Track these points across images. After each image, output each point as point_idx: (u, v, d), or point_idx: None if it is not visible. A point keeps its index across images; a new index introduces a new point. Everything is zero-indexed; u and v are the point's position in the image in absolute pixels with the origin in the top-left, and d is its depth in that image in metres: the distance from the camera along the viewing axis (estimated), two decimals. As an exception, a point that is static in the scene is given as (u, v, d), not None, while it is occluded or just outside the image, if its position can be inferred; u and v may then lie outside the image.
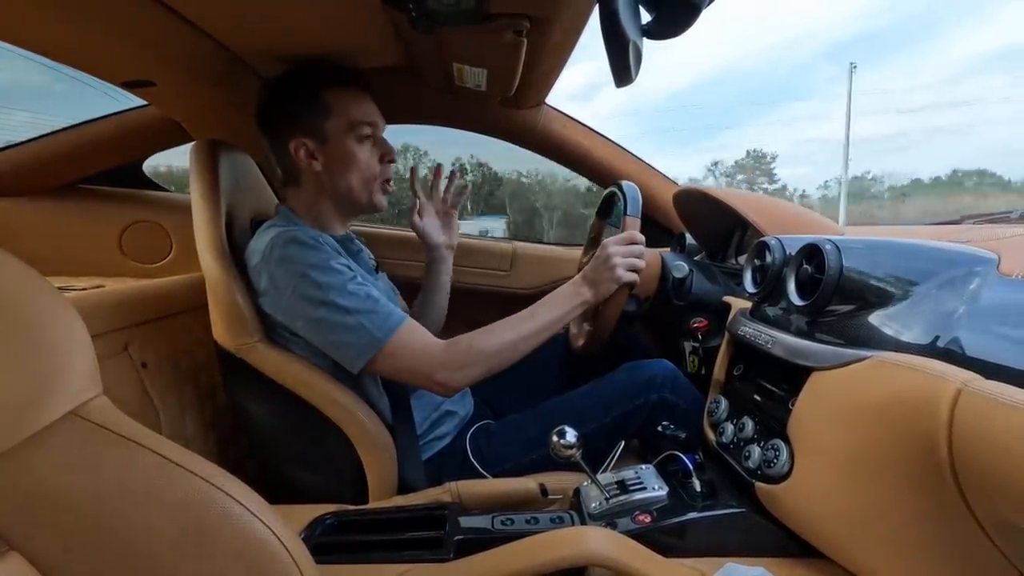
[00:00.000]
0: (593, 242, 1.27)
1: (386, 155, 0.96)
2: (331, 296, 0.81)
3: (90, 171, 1.35)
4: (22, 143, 1.28)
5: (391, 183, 0.98)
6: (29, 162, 1.28)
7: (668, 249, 1.35)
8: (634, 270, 0.93)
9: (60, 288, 0.38)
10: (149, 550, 0.34)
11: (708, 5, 0.54)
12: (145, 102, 1.12)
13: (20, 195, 1.32)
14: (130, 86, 0.97)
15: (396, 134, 1.03)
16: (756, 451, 0.71)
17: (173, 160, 1.38)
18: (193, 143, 0.97)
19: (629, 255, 0.92)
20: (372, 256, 1.06)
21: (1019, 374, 0.46)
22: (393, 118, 0.98)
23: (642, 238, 0.95)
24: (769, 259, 0.79)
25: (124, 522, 0.34)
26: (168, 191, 1.49)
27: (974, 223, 1.05)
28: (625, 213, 1.00)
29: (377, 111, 0.95)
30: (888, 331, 0.60)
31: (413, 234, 1.15)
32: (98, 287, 1.17)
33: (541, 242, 1.65)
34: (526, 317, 0.89)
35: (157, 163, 1.46)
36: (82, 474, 0.33)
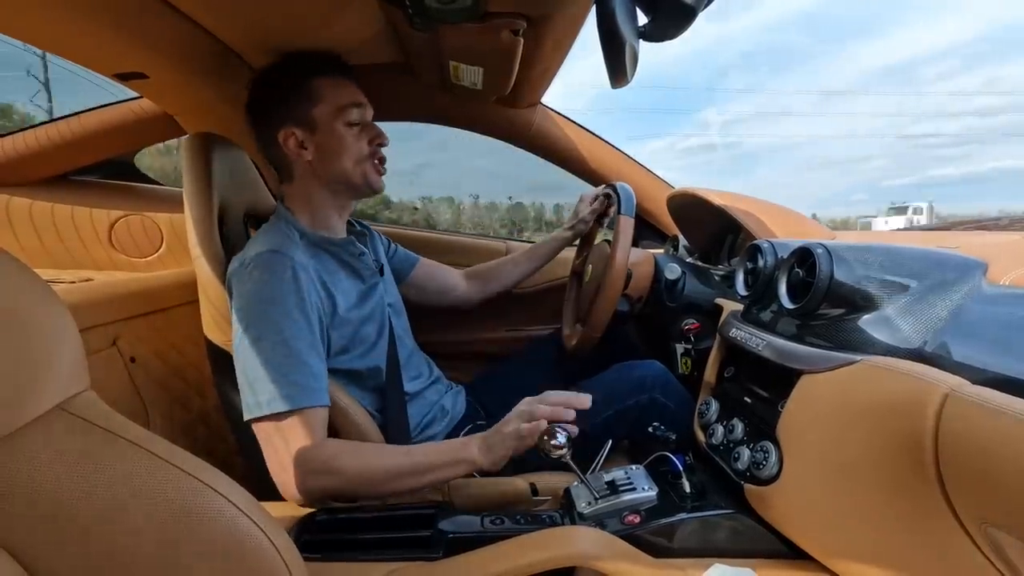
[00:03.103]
0: (585, 243, 1.27)
1: (375, 138, 0.93)
2: (265, 335, 0.76)
3: (81, 163, 1.34)
4: (10, 133, 1.26)
5: (384, 163, 0.95)
6: (18, 153, 1.26)
7: (662, 251, 1.35)
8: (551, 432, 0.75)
9: (48, 281, 0.37)
10: (135, 546, 0.34)
11: (704, 8, 0.54)
12: (137, 94, 1.11)
13: (8, 186, 1.30)
14: (122, 78, 0.96)
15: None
16: (745, 453, 0.71)
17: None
18: (186, 136, 0.96)
19: (540, 415, 0.77)
20: (376, 257, 1.02)
21: (1005, 379, 0.47)
22: (388, 116, 0.98)
23: (586, 400, 0.80)
24: (761, 262, 0.79)
25: (110, 517, 0.33)
26: (160, 184, 1.48)
27: (963, 229, 1.06)
28: (619, 212, 1.00)
29: (362, 95, 0.93)
30: (877, 335, 0.61)
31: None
32: (87, 280, 1.16)
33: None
34: (400, 452, 0.79)
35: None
36: (68, 469, 0.33)
